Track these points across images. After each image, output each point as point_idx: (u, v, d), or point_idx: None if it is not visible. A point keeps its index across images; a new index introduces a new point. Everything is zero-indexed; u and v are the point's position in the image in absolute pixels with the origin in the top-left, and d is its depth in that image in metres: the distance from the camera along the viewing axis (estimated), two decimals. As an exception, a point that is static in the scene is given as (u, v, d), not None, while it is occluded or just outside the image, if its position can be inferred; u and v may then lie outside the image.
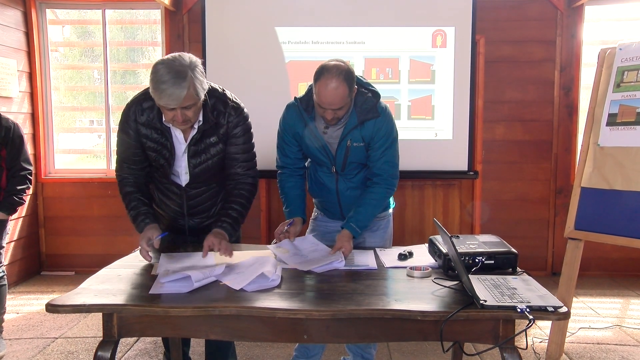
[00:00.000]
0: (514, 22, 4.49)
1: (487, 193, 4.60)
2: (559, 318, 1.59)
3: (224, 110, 2.18)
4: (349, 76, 2.11)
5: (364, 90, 2.26)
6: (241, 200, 2.27)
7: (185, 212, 2.35)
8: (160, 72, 1.91)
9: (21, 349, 3.14)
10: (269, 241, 4.64)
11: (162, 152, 2.18)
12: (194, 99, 1.97)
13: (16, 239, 4.42)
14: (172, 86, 1.89)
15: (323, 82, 2.09)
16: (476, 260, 1.91)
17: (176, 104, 1.93)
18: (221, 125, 2.18)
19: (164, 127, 2.14)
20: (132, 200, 2.21)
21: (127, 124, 2.18)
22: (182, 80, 1.90)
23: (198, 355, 2.93)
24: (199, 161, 2.20)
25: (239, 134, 2.23)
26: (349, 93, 2.12)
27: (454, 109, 4.16)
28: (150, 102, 2.10)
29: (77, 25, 5.07)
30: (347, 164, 2.32)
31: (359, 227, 2.23)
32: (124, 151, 2.24)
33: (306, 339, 1.69)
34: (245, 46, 4.16)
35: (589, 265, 4.41)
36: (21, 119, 4.48)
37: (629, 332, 3.37)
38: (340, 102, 2.11)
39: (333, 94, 2.08)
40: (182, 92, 1.90)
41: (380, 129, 2.24)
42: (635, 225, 2.57)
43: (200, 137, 2.17)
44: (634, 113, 2.65)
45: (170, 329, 1.69)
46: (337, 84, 2.07)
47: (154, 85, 1.92)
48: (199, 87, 1.97)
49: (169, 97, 1.90)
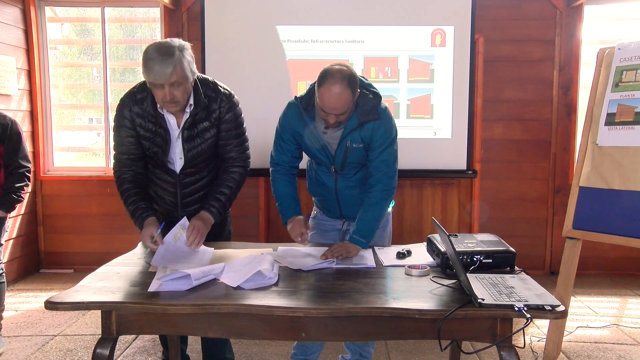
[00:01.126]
0: (513, 22, 4.49)
1: (486, 192, 4.61)
2: (556, 317, 1.59)
3: (215, 96, 2.26)
4: (352, 81, 2.10)
5: (366, 91, 2.25)
6: (230, 184, 2.33)
7: (179, 201, 2.37)
8: (149, 51, 2.04)
9: (20, 347, 3.14)
10: (267, 239, 4.66)
11: (155, 140, 2.25)
12: (181, 77, 2.06)
13: (15, 236, 4.42)
14: (159, 63, 2.00)
15: (326, 88, 2.07)
16: (474, 259, 1.92)
17: (164, 80, 2.03)
18: (213, 110, 2.26)
19: (158, 114, 2.21)
20: (130, 195, 2.26)
21: (122, 116, 2.25)
22: (169, 57, 2.01)
23: (196, 353, 2.94)
24: (193, 145, 2.26)
25: (231, 119, 2.30)
26: (352, 98, 2.12)
27: (452, 108, 4.16)
28: (144, 93, 2.21)
29: (76, 22, 5.06)
30: (346, 164, 2.32)
31: (363, 237, 2.22)
32: (121, 144, 2.29)
33: (304, 337, 1.69)
34: (244, 45, 4.16)
35: (587, 264, 4.42)
36: (20, 116, 4.47)
37: (627, 331, 3.38)
38: (344, 107, 2.11)
39: (337, 99, 2.08)
40: (168, 69, 2.01)
41: (379, 130, 2.24)
42: (633, 225, 2.58)
43: (193, 122, 2.23)
44: (633, 113, 2.66)
45: (168, 326, 1.70)
46: (341, 90, 2.06)
47: (144, 63, 2.04)
48: (186, 66, 2.07)
49: (157, 73, 2.01)
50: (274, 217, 4.78)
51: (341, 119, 2.17)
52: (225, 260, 2.02)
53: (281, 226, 4.75)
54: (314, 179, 2.48)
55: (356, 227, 2.24)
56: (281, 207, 2.39)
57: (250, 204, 4.60)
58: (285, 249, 2.26)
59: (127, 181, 2.28)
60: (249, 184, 4.50)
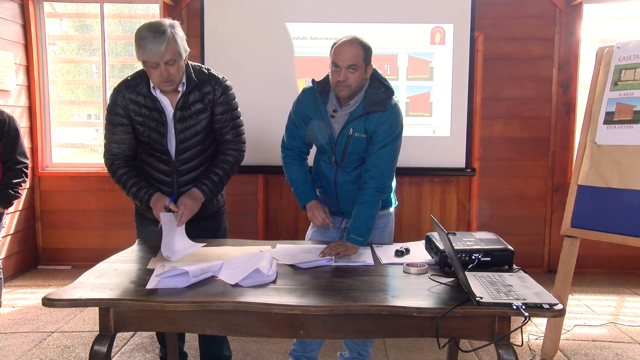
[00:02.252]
0: (513, 20, 4.49)
1: (485, 190, 4.61)
2: (554, 315, 1.60)
3: (208, 78, 2.30)
4: (365, 44, 2.22)
5: (378, 84, 2.29)
6: (224, 165, 2.35)
7: (176, 191, 2.36)
8: (141, 30, 2.08)
9: (17, 343, 3.14)
10: (266, 237, 4.67)
11: (149, 123, 2.25)
12: (174, 53, 2.10)
13: (13, 232, 4.42)
14: (153, 40, 2.04)
15: (341, 40, 2.21)
16: (472, 257, 1.92)
17: (158, 57, 2.07)
18: (207, 92, 2.29)
19: (152, 97, 2.23)
20: (129, 178, 2.27)
21: (115, 103, 2.27)
22: (161, 34, 2.05)
23: (193, 350, 2.94)
24: (186, 125, 2.28)
25: (225, 101, 2.33)
26: (363, 56, 2.20)
27: (452, 106, 4.16)
28: (137, 79, 2.25)
29: (75, 18, 5.05)
30: (346, 154, 2.32)
31: (360, 235, 2.21)
32: (113, 132, 2.29)
33: (302, 335, 1.69)
34: (244, 41, 4.15)
35: (585, 262, 4.42)
36: (18, 112, 4.46)
37: (624, 330, 3.39)
38: (354, 58, 2.18)
39: (349, 50, 2.17)
40: (162, 45, 2.04)
41: (384, 123, 2.24)
42: (632, 223, 2.58)
43: (185, 102, 2.25)
44: (631, 111, 2.66)
45: (166, 323, 1.69)
46: (353, 43, 2.19)
47: (137, 42, 2.08)
48: (179, 42, 2.12)
49: (151, 50, 2.05)
50: (272, 214, 4.78)
51: (350, 79, 2.19)
52: (223, 258, 2.02)
53: (280, 223, 4.79)
54: (317, 169, 2.50)
55: (352, 226, 2.23)
56: (296, 191, 2.44)
57: (249, 201, 4.60)
58: (284, 247, 2.26)
59: (121, 166, 2.29)
60: (248, 180, 4.51)
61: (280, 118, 2.48)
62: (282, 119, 2.50)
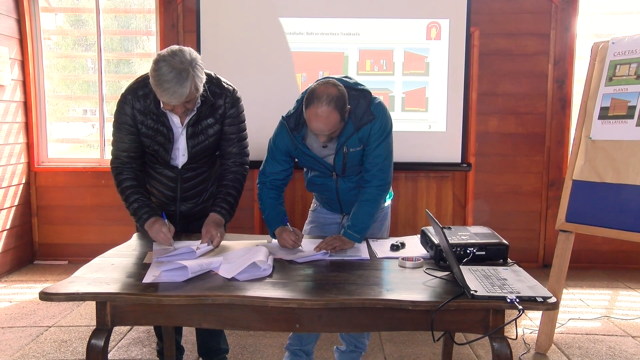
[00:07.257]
0: (509, 15, 4.50)
1: (480, 185, 4.63)
2: (548, 308, 1.61)
3: (220, 92, 2.26)
4: (339, 102, 2.06)
5: (354, 92, 2.20)
6: (237, 185, 2.36)
7: (179, 196, 2.37)
8: (162, 69, 1.97)
9: (14, 337, 3.14)
10: (261, 232, 4.66)
11: (156, 137, 2.24)
12: (194, 94, 2.05)
13: (9, 227, 4.41)
14: (175, 85, 1.96)
15: (313, 111, 2.05)
16: (467, 251, 1.93)
17: (178, 101, 2.03)
18: (219, 106, 2.26)
19: (160, 112, 2.20)
20: (132, 193, 2.26)
21: (123, 113, 2.23)
22: (184, 80, 1.97)
23: (190, 344, 2.95)
24: (197, 142, 2.27)
25: (235, 114, 2.32)
26: (340, 119, 2.09)
27: (447, 101, 4.17)
28: (146, 89, 2.18)
29: (70, 13, 5.02)
30: (347, 168, 2.30)
31: (357, 232, 2.21)
32: (121, 140, 2.27)
33: (298, 328, 1.70)
34: (240, 37, 4.14)
35: (580, 257, 4.45)
36: (14, 107, 4.45)
37: (617, 323, 3.42)
38: (332, 128, 2.09)
39: (324, 122, 2.05)
40: (184, 91, 1.99)
41: (374, 128, 2.22)
42: (626, 218, 2.60)
43: (197, 119, 2.23)
44: (626, 107, 2.67)
45: (163, 317, 1.70)
46: (328, 112, 2.03)
47: (157, 82, 1.98)
48: (199, 83, 2.06)
49: (172, 95, 1.99)
50: (268, 209, 4.78)
51: (333, 135, 2.16)
52: (220, 252, 2.03)
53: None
54: (312, 182, 2.45)
55: (350, 222, 2.23)
56: (267, 218, 2.32)
57: (245, 196, 4.52)
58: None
59: (127, 179, 2.28)
60: (244, 176, 4.51)
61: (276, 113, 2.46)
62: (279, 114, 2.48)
